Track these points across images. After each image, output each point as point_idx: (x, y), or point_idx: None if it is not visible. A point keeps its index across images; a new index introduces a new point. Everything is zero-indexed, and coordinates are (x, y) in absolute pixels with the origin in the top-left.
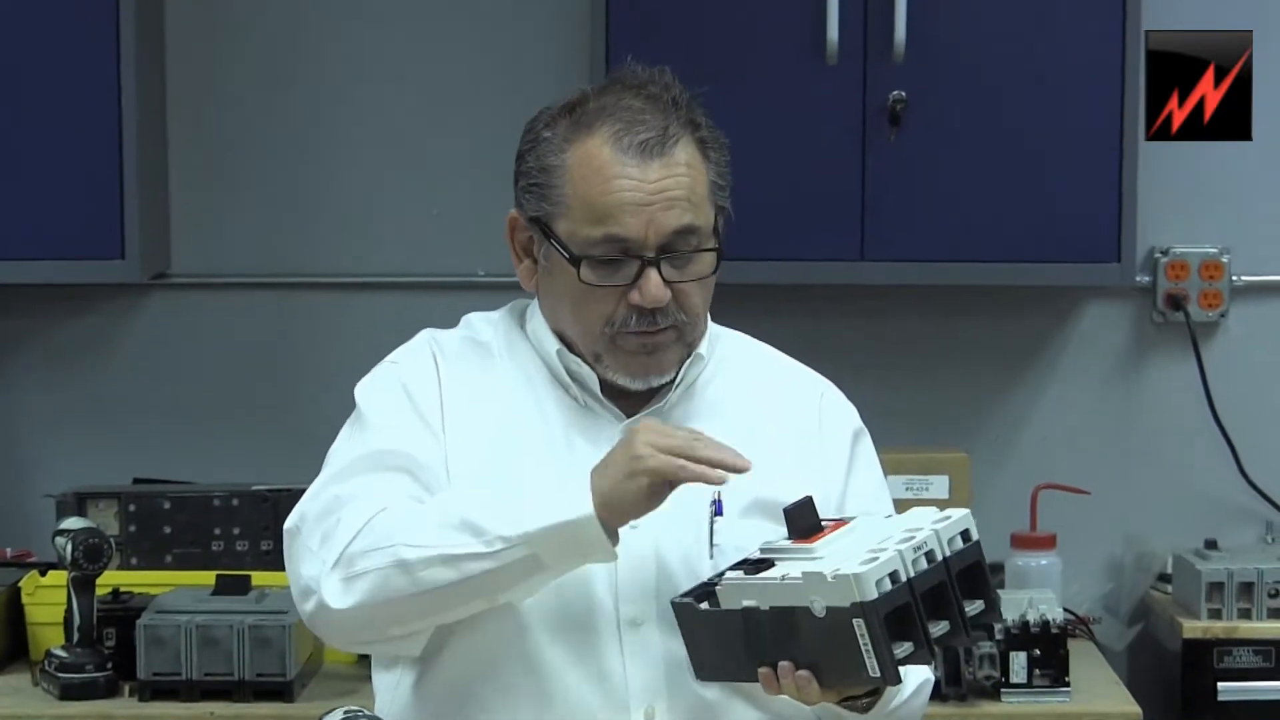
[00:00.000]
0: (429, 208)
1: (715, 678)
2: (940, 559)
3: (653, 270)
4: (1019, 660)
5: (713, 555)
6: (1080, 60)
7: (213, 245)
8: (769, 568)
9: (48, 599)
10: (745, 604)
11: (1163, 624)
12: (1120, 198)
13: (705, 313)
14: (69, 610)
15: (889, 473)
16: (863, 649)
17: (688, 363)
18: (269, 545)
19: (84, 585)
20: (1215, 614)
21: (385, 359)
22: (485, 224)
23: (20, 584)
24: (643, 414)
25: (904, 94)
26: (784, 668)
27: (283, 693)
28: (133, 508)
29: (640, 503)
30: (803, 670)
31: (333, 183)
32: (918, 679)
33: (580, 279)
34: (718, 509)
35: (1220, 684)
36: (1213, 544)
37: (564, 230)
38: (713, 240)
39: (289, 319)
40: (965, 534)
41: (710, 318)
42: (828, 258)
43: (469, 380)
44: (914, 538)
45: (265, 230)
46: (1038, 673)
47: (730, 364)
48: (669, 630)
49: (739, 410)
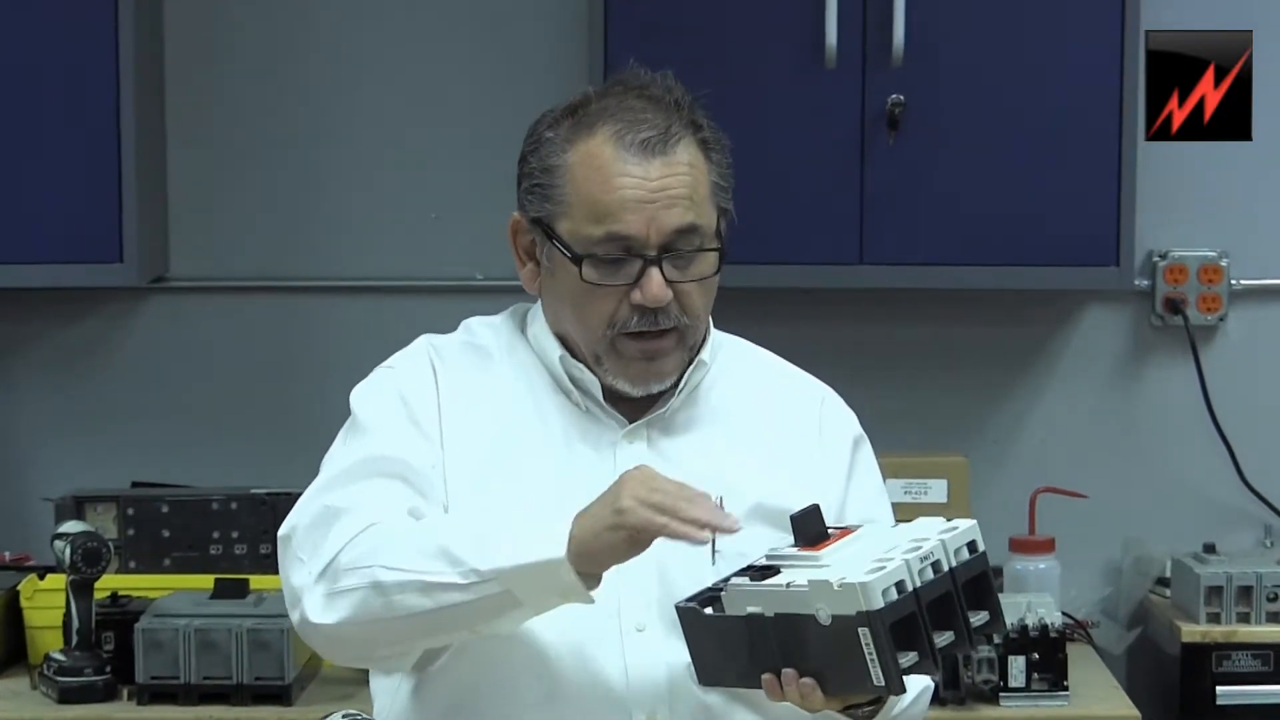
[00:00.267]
0: (428, 212)
1: (718, 683)
2: (946, 569)
3: (654, 269)
4: (1017, 664)
5: (715, 562)
6: (1079, 61)
7: (211, 249)
8: (775, 574)
9: (46, 603)
10: (750, 610)
11: (1161, 628)
12: (1119, 201)
13: (707, 315)
14: (67, 614)
15: (887, 477)
16: (867, 658)
17: (690, 368)
18: (267, 549)
19: (82, 589)
20: (1214, 618)
21: (382, 364)
22: (484, 228)
23: (19, 587)
24: (644, 420)
25: (902, 98)
26: (788, 675)
27: (281, 696)
28: (131, 511)
29: (619, 554)
30: (806, 678)
31: (331, 187)
32: (918, 686)
33: (582, 278)
34: None
35: (1219, 688)
36: (1211, 548)
37: (566, 230)
38: (715, 241)
39: (287, 323)
40: (972, 545)
41: (712, 323)
42: (826, 261)
43: (467, 385)
44: (920, 547)
45: (264, 234)
46: (1036, 677)
47: (731, 370)
48: (672, 636)
49: (740, 417)
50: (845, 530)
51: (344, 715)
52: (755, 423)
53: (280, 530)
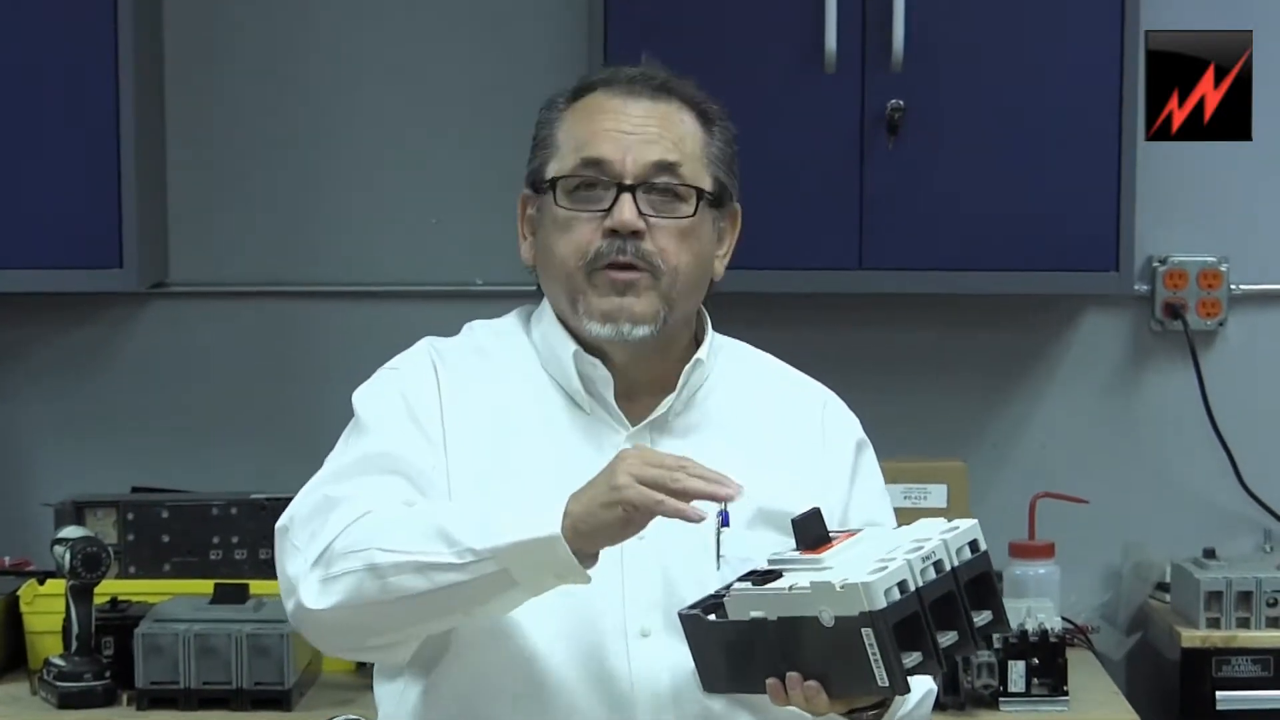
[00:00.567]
0: (428, 217)
1: (722, 689)
2: (949, 569)
3: (627, 195)
4: (1017, 669)
5: (719, 566)
6: (1079, 62)
7: (211, 254)
8: (777, 578)
9: (46, 608)
10: (753, 615)
11: (1161, 633)
12: (1119, 205)
13: (687, 270)
14: (67, 619)
15: (886, 482)
16: (871, 659)
17: (688, 368)
18: (267, 554)
19: (82, 594)
20: (1214, 623)
21: (385, 365)
22: (484, 233)
23: (19, 593)
24: (646, 422)
25: (902, 102)
26: (792, 678)
27: (281, 701)
28: (131, 516)
29: (614, 532)
30: (811, 681)
31: (331, 192)
32: (921, 690)
33: (556, 203)
34: (724, 520)
35: (1219, 693)
36: (1211, 553)
37: (553, 170)
38: (696, 195)
39: (287, 327)
40: (973, 544)
41: (710, 327)
42: (825, 266)
43: (470, 387)
44: (922, 548)
45: (263, 239)
46: (1036, 682)
47: (733, 374)
48: (676, 641)
49: (742, 420)
50: (847, 533)
51: None
52: (759, 427)
53: (278, 522)
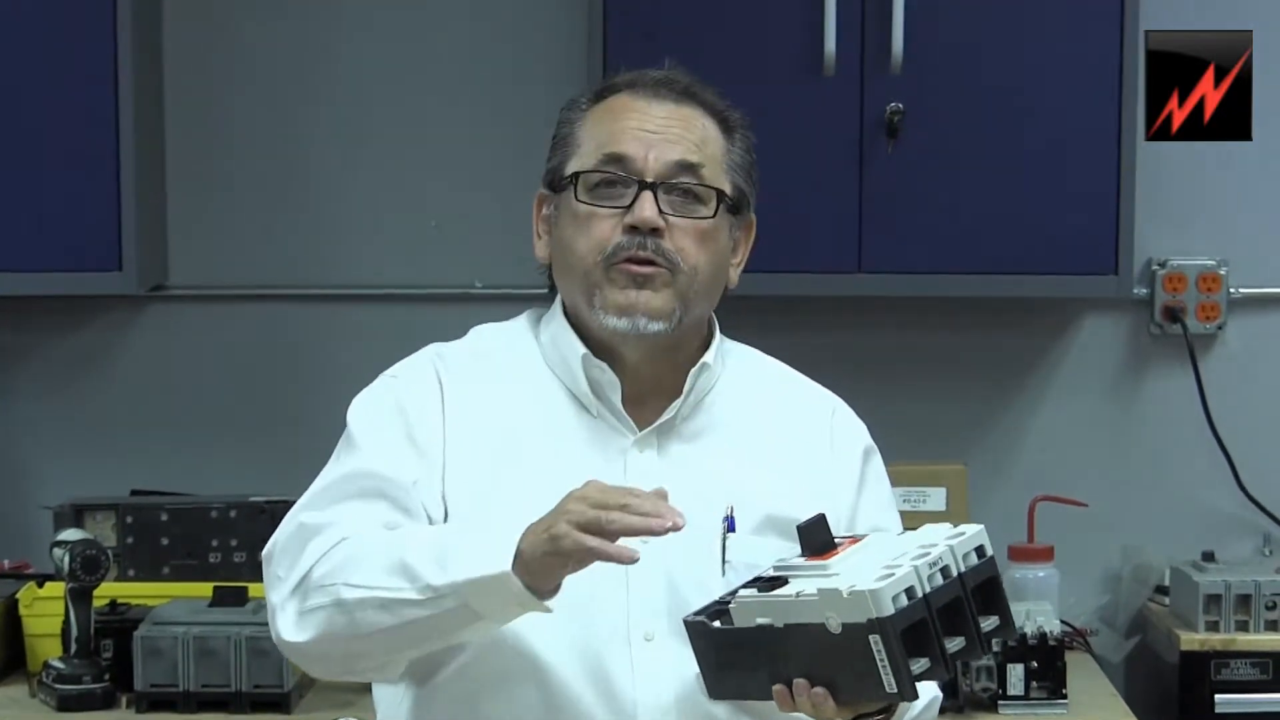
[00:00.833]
0: (427, 219)
1: (728, 696)
2: (956, 574)
3: (648, 193)
4: (1016, 672)
5: (725, 572)
6: (1079, 63)
7: (210, 257)
8: (783, 585)
9: (45, 610)
10: (759, 621)
11: (1160, 636)
12: (1118, 209)
13: (705, 271)
14: (66, 622)
15: None
16: (879, 665)
17: (695, 371)
18: None
19: (81, 597)
20: (1213, 626)
21: (385, 372)
22: (484, 236)
23: (18, 595)
24: (653, 427)
25: (901, 106)
26: (799, 685)
27: (280, 704)
28: (130, 519)
29: (562, 573)
30: (818, 687)
31: (331, 194)
32: (926, 695)
33: (577, 198)
34: (730, 525)
35: (1218, 696)
36: (1210, 556)
37: (573, 167)
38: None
39: (287, 330)
40: (980, 549)
41: (719, 330)
42: (825, 270)
43: (474, 394)
44: (929, 553)
45: (263, 242)
46: (1035, 685)
47: (741, 379)
48: (680, 646)
49: (749, 426)
50: (853, 539)
51: None
52: (767, 432)
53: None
